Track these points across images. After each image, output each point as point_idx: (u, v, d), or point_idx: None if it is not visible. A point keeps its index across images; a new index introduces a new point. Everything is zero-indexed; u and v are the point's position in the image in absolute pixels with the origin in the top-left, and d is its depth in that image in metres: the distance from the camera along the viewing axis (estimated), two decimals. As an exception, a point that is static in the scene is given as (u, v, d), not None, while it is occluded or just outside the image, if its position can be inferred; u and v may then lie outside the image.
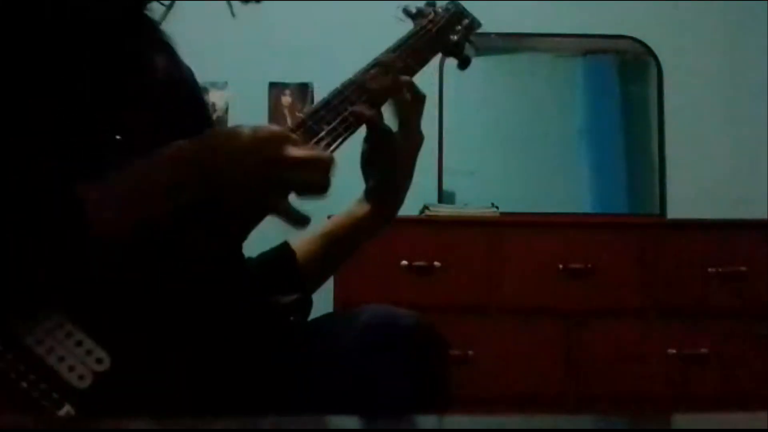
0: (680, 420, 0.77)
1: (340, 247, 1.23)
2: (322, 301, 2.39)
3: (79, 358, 0.84)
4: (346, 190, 1.16)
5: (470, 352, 2.44)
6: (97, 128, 0.95)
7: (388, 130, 1.12)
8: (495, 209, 2.71)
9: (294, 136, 0.98)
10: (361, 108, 1.08)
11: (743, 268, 2.52)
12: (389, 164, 1.15)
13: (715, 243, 2.57)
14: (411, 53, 1.17)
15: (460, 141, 2.97)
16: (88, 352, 0.85)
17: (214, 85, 2.94)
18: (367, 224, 1.20)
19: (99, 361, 0.85)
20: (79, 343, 0.85)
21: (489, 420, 0.77)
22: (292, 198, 0.96)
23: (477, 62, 1.30)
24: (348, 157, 1.09)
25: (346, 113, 1.06)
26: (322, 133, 1.03)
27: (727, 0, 3.05)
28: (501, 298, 2.51)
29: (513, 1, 2.94)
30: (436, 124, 2.91)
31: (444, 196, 2.92)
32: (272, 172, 0.93)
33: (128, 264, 0.89)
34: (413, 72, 1.15)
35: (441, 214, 2.68)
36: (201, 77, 1.17)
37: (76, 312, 0.86)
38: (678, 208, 2.94)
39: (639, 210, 3.01)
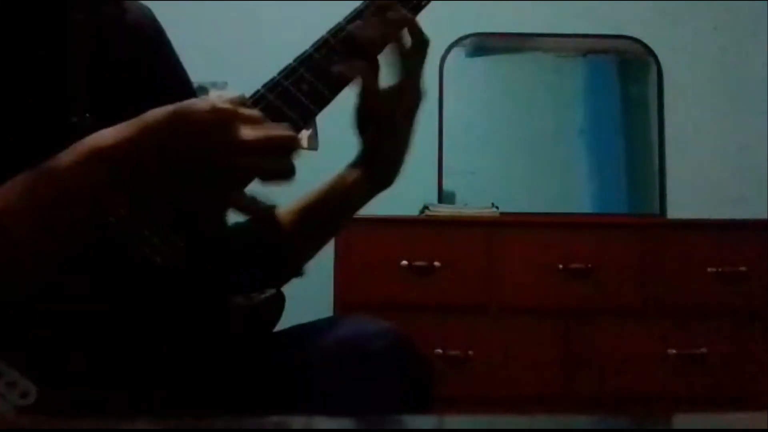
0: (680, 420, 0.77)
1: (327, 219, 1.08)
2: (322, 300, 2.41)
3: (0, 394, 0.73)
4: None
5: (470, 352, 2.44)
6: (46, 114, 0.83)
7: (385, 85, 0.96)
8: (495, 209, 2.70)
9: (245, 111, 0.80)
10: (352, 63, 0.90)
11: (743, 268, 2.52)
12: (386, 125, 0.99)
13: (715, 243, 2.56)
14: None
15: (460, 141, 2.96)
16: (11, 385, 0.73)
17: (214, 85, 2.94)
18: (359, 193, 1.04)
19: (24, 395, 0.73)
20: None
21: (489, 420, 0.77)
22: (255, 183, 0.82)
23: (477, 62, 1.28)
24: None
25: (333, 70, 0.89)
26: (302, 97, 0.86)
27: (727, 0, 3.05)
28: (501, 298, 2.51)
29: (513, 1, 2.93)
30: (436, 124, 2.91)
31: (444, 196, 2.91)
32: (221, 163, 0.78)
33: (53, 281, 0.77)
34: (416, 9, 0.95)
35: (441, 214, 2.68)
36: (201, 77, 1.11)
37: None
38: (678, 208, 2.94)
39: (639, 210, 3.01)
